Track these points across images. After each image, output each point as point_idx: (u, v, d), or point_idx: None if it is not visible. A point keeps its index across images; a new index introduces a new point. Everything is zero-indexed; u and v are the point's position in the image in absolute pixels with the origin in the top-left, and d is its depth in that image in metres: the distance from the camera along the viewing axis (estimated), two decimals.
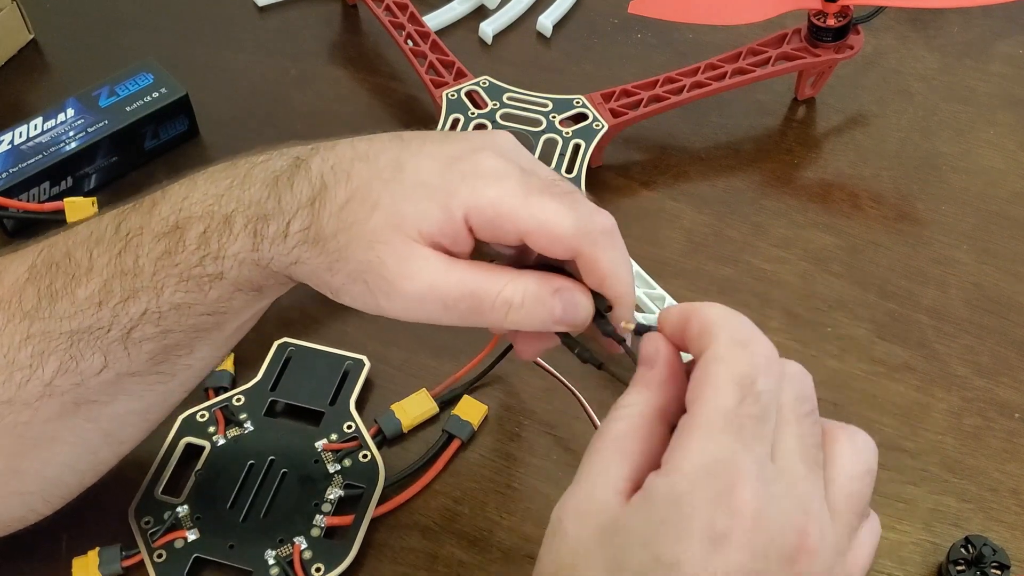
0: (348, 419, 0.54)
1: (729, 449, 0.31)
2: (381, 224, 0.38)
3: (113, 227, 0.42)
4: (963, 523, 0.52)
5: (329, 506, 0.50)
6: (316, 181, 0.39)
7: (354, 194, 0.38)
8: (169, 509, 0.50)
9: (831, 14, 0.66)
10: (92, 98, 0.66)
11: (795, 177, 0.67)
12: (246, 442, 0.53)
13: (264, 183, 0.40)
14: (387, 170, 0.38)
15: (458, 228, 0.38)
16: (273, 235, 0.40)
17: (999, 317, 0.60)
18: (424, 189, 0.38)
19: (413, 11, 0.71)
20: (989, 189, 0.66)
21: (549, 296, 0.38)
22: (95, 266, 0.42)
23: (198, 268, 0.41)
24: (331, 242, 0.38)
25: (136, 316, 0.41)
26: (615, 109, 0.65)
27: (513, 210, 0.37)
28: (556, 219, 0.37)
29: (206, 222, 0.40)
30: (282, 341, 0.56)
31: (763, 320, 0.59)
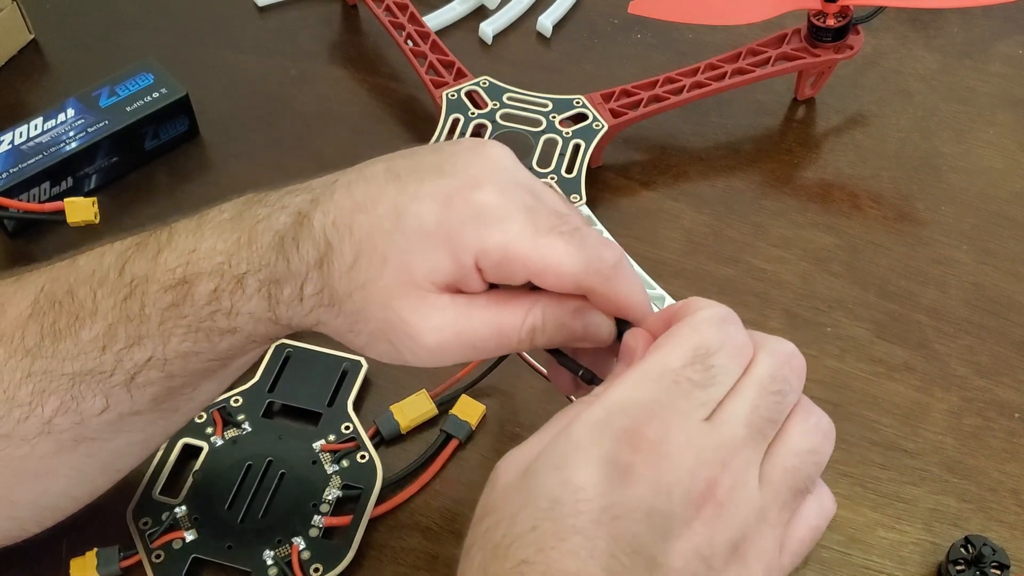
0: (346, 420, 0.54)
1: (652, 396, 0.32)
2: (393, 281, 0.37)
3: (116, 269, 0.41)
4: (963, 523, 0.52)
5: (327, 507, 0.50)
6: (320, 240, 0.38)
7: (360, 250, 0.37)
8: (167, 510, 0.50)
9: (831, 14, 0.66)
10: (92, 98, 0.66)
11: (795, 177, 0.67)
12: (244, 443, 0.53)
13: (271, 245, 0.39)
14: (387, 220, 0.37)
15: (469, 273, 0.37)
16: (288, 299, 0.39)
17: (999, 317, 0.60)
18: (429, 240, 0.36)
19: (413, 11, 0.71)
20: (989, 189, 0.66)
21: (569, 318, 0.38)
22: (99, 309, 0.41)
23: (208, 323, 0.40)
24: (347, 303, 0.38)
25: (141, 362, 0.41)
26: (615, 109, 0.65)
27: (522, 253, 0.36)
28: (566, 260, 0.36)
29: (216, 280, 0.39)
30: (280, 342, 0.56)
31: (763, 320, 0.59)
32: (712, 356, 0.33)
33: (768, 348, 0.35)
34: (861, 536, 0.52)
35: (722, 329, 0.34)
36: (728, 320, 0.34)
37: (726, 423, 0.32)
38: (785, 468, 0.33)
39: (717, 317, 0.34)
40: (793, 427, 0.34)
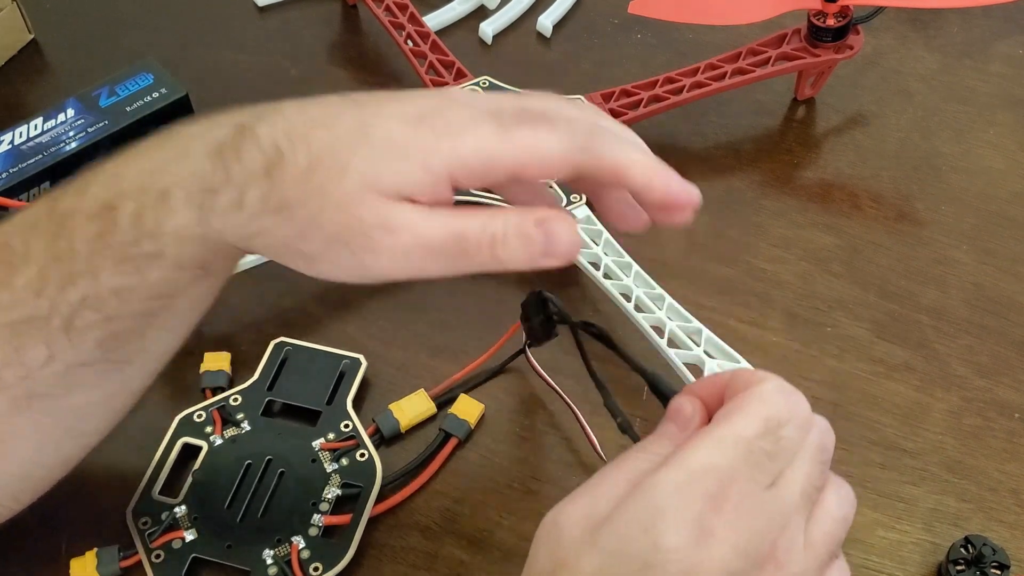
0: (345, 418, 0.54)
1: (730, 462, 0.34)
2: (355, 186, 0.36)
3: (47, 211, 0.40)
4: (963, 523, 0.52)
5: (327, 505, 0.50)
6: (269, 149, 0.37)
7: (318, 160, 0.36)
8: (167, 509, 0.50)
9: (831, 14, 0.66)
10: (92, 98, 0.66)
11: (795, 177, 0.67)
12: (243, 442, 0.53)
13: (205, 155, 0.38)
14: (351, 134, 0.37)
15: (441, 186, 0.37)
16: (224, 207, 0.37)
17: (999, 317, 0.60)
18: (399, 150, 0.36)
19: (413, 11, 0.71)
20: (989, 189, 0.66)
21: (532, 228, 0.37)
22: (31, 253, 0.40)
23: (134, 248, 0.39)
24: (299, 209, 0.37)
25: (75, 303, 0.39)
26: (615, 109, 0.65)
27: (498, 152, 0.36)
28: (542, 145, 0.36)
29: (138, 199, 0.38)
30: (279, 340, 0.57)
31: (763, 320, 0.59)
32: (782, 428, 0.35)
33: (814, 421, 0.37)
34: (861, 536, 0.52)
35: (790, 401, 0.36)
36: (793, 393, 0.36)
37: (785, 489, 0.35)
38: (824, 533, 0.36)
39: (784, 390, 0.36)
40: (830, 495, 0.36)
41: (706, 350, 0.53)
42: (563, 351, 0.58)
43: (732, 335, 0.58)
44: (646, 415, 0.55)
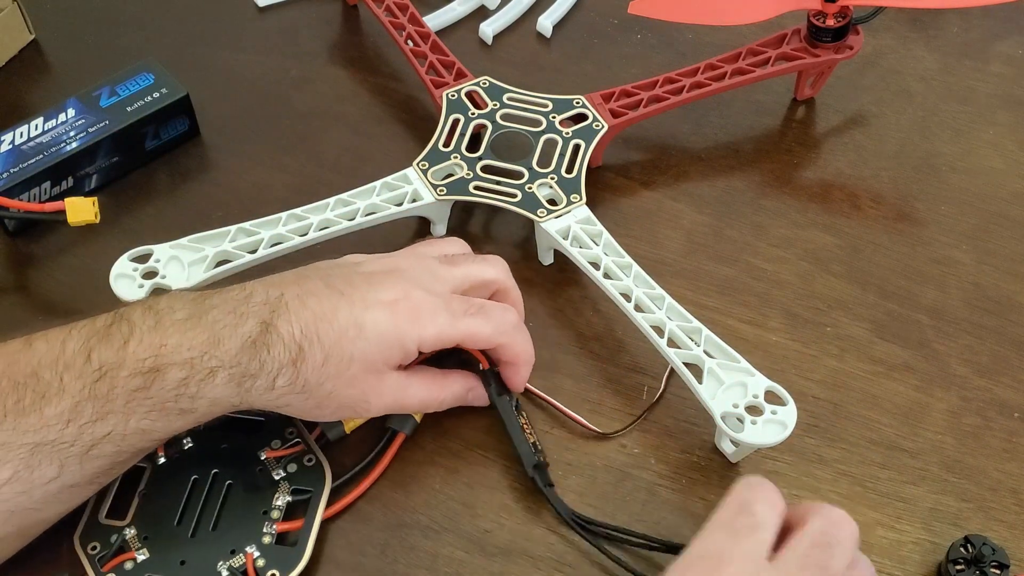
0: (289, 425, 0.53)
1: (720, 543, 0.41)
2: (359, 371, 0.49)
3: (83, 356, 0.46)
4: (962, 522, 0.52)
5: (278, 512, 0.50)
6: (292, 346, 0.47)
7: (329, 352, 0.48)
8: (115, 532, 0.50)
9: (831, 14, 0.66)
10: (93, 98, 0.66)
11: (795, 177, 0.67)
12: (187, 458, 0.52)
13: (241, 347, 0.46)
14: (351, 329, 0.48)
15: (411, 355, 0.51)
16: (260, 388, 0.47)
17: (999, 317, 0.60)
18: (386, 340, 0.49)
19: (413, 11, 0.71)
20: (989, 189, 0.66)
21: (466, 394, 0.54)
22: (67, 389, 0.45)
23: (171, 404, 0.46)
24: (318, 389, 0.48)
25: (100, 436, 0.46)
26: (615, 109, 0.65)
27: (449, 334, 0.51)
28: (480, 331, 0.52)
29: (187, 370, 0.46)
30: None
31: (763, 320, 0.60)
32: (752, 505, 0.42)
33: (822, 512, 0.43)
34: (861, 536, 0.51)
35: (751, 487, 0.43)
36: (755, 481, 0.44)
37: (783, 565, 0.40)
38: None
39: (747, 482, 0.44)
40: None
41: (706, 350, 0.54)
42: (562, 351, 0.58)
43: (732, 335, 0.58)
44: (646, 415, 0.56)
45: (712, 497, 0.53)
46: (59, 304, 0.62)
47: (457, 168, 0.62)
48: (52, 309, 0.61)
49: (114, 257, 0.57)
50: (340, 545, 0.51)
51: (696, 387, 0.52)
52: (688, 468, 0.54)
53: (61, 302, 0.62)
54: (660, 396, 0.56)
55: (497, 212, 0.64)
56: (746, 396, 0.51)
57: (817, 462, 0.54)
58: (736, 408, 0.51)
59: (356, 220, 0.59)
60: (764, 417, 0.51)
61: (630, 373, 0.57)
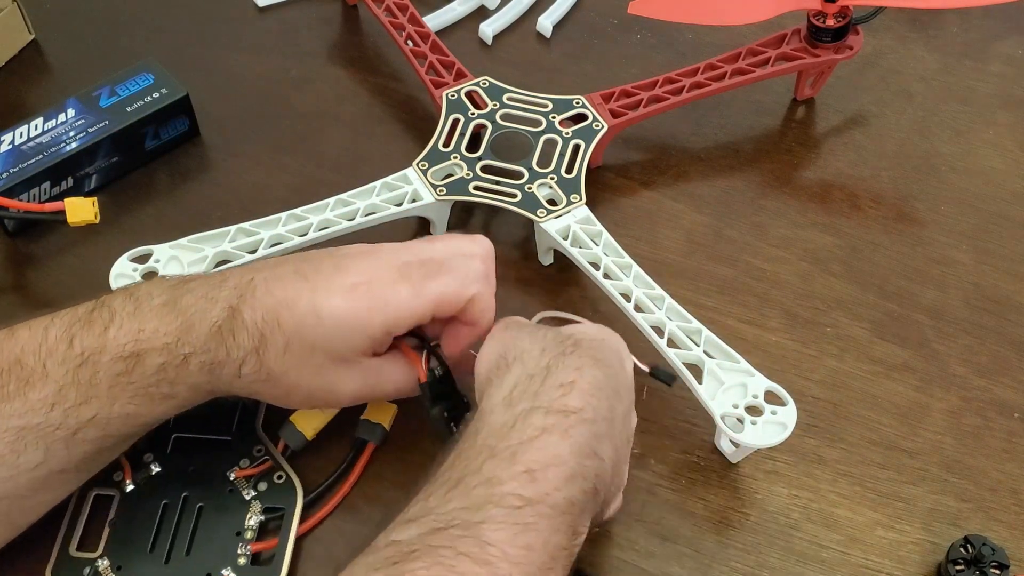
0: (257, 443, 0.53)
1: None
2: (324, 360, 0.47)
3: (65, 342, 0.46)
4: (962, 523, 0.52)
5: (251, 533, 0.50)
6: (254, 332, 0.46)
7: (290, 340, 0.46)
8: (87, 564, 0.49)
9: (830, 14, 0.66)
10: (93, 98, 0.66)
11: (795, 177, 0.67)
12: (156, 483, 0.52)
13: (209, 334, 0.46)
14: (309, 320, 0.46)
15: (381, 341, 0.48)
16: (228, 376, 0.47)
17: (999, 317, 0.60)
18: (344, 328, 0.47)
19: (413, 11, 0.71)
20: (989, 189, 0.66)
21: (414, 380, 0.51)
22: (50, 375, 0.45)
23: (153, 388, 0.46)
24: (283, 378, 0.47)
25: (85, 420, 0.45)
26: (615, 109, 0.65)
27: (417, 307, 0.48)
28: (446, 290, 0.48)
29: (165, 356, 0.46)
30: None
31: (762, 320, 0.60)
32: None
33: None
34: (860, 536, 0.52)
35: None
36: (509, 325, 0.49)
37: None
38: None
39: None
40: None
41: (706, 350, 0.54)
42: None
43: (732, 335, 0.58)
44: (646, 415, 0.55)
45: (711, 497, 0.53)
46: (59, 304, 0.61)
47: (457, 168, 0.62)
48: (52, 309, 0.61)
49: (114, 257, 0.57)
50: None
51: (696, 387, 0.52)
52: (688, 468, 0.54)
53: (61, 302, 0.61)
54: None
55: (497, 212, 0.64)
56: (746, 396, 0.51)
57: (817, 462, 0.54)
58: (736, 408, 0.51)
59: (356, 220, 0.59)
60: (764, 417, 0.51)
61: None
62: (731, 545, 0.51)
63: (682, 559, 0.51)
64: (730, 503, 0.53)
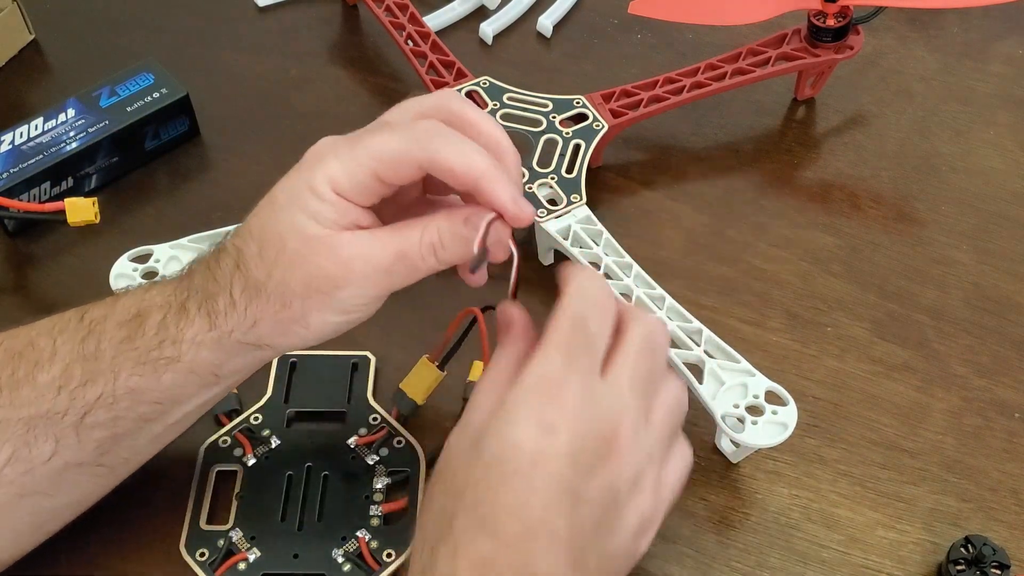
0: (371, 412, 0.54)
1: (557, 366, 0.39)
2: (296, 245, 0.43)
3: (77, 317, 0.45)
4: (963, 523, 0.52)
5: (380, 495, 0.51)
6: (232, 251, 0.44)
7: (261, 240, 0.44)
8: (220, 536, 0.50)
9: (831, 14, 0.66)
10: (93, 98, 0.66)
11: (795, 177, 0.67)
12: (277, 456, 0.53)
13: (201, 272, 0.45)
14: (266, 210, 0.44)
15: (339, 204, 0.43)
16: (224, 309, 0.44)
17: (999, 317, 0.60)
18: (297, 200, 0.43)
19: (413, 11, 0.71)
20: (989, 189, 0.66)
21: (461, 227, 0.43)
22: (58, 352, 0.44)
23: (155, 351, 0.44)
24: (269, 284, 0.43)
25: (91, 400, 0.44)
26: (615, 109, 0.65)
27: (355, 164, 0.42)
28: (387, 146, 0.42)
29: (165, 310, 0.45)
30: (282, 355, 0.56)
31: (763, 320, 0.59)
32: (587, 321, 0.40)
33: (638, 319, 0.42)
34: (861, 536, 0.52)
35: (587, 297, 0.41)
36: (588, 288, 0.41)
37: (616, 379, 0.40)
38: (662, 416, 0.41)
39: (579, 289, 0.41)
40: (669, 382, 0.42)
41: (706, 350, 0.53)
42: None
43: (732, 335, 0.58)
44: None
45: (712, 497, 0.53)
46: (59, 304, 0.61)
47: None
48: (52, 309, 0.60)
49: (114, 257, 0.57)
50: None
51: (697, 387, 0.52)
52: None
53: (61, 302, 0.61)
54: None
55: None
56: (746, 396, 0.51)
57: (817, 462, 0.54)
58: (737, 408, 0.51)
59: None
60: (764, 417, 0.51)
61: None
62: (731, 545, 0.51)
63: (682, 559, 0.51)
64: (730, 503, 0.53)
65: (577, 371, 0.39)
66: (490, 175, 0.42)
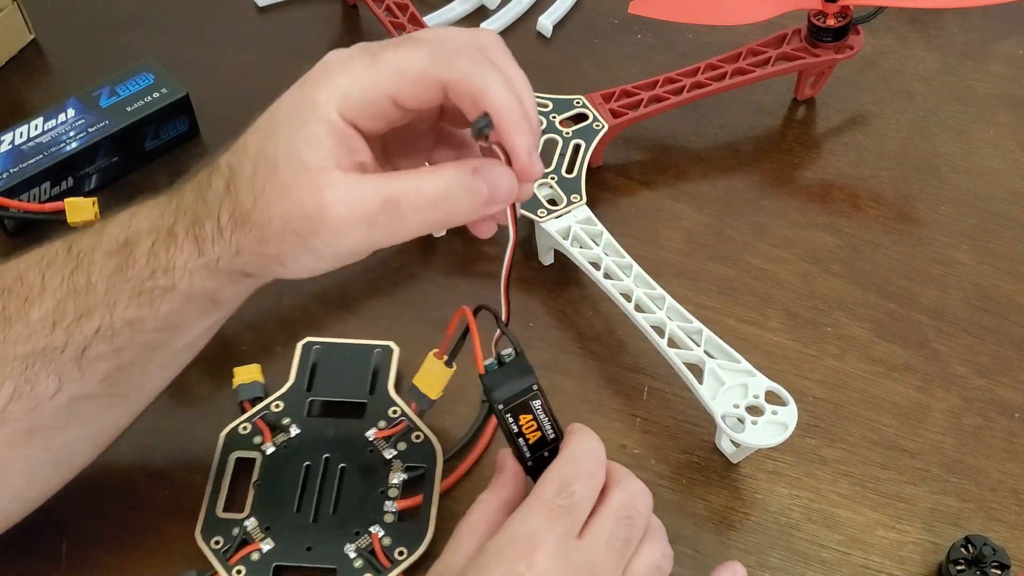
0: (391, 404, 0.54)
1: (537, 524, 0.40)
2: (286, 172, 0.39)
3: (64, 249, 0.43)
4: (963, 523, 0.52)
5: (395, 491, 0.51)
6: (225, 171, 0.41)
7: (256, 161, 0.40)
8: (236, 525, 0.50)
9: (831, 14, 0.66)
10: (93, 98, 0.66)
11: (795, 177, 0.67)
12: (296, 445, 0.53)
13: (191, 191, 0.42)
14: (265, 126, 0.40)
15: (343, 131, 0.39)
16: (211, 234, 0.41)
17: (999, 317, 0.60)
18: (298, 116, 0.39)
19: (413, 11, 0.71)
20: (989, 189, 0.66)
21: (470, 178, 0.39)
22: (48, 287, 0.42)
23: (149, 281, 0.42)
24: (254, 213, 0.40)
25: (90, 334, 0.42)
26: (615, 109, 0.65)
27: (370, 81, 0.39)
28: (412, 60, 0.39)
29: (153, 236, 0.42)
30: (306, 341, 0.57)
31: (763, 320, 0.59)
32: (572, 485, 0.42)
33: (621, 485, 0.43)
34: (861, 536, 0.52)
35: (577, 464, 0.43)
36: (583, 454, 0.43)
37: (591, 542, 0.41)
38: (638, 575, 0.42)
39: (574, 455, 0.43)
40: (644, 548, 0.43)
41: (706, 350, 0.53)
42: (562, 351, 0.58)
43: (732, 335, 0.58)
44: (646, 415, 0.56)
45: (712, 497, 0.53)
46: None
47: None
48: None
49: None
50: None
51: (697, 387, 0.52)
52: (688, 468, 0.54)
53: None
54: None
55: None
56: (747, 396, 0.51)
57: (818, 462, 0.54)
58: (737, 408, 0.51)
59: None
60: (765, 417, 0.51)
61: (630, 373, 0.57)
62: (732, 545, 0.51)
63: (682, 559, 0.51)
64: (731, 503, 0.53)
65: (554, 532, 0.40)
66: (515, 114, 0.39)
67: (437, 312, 0.59)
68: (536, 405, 0.44)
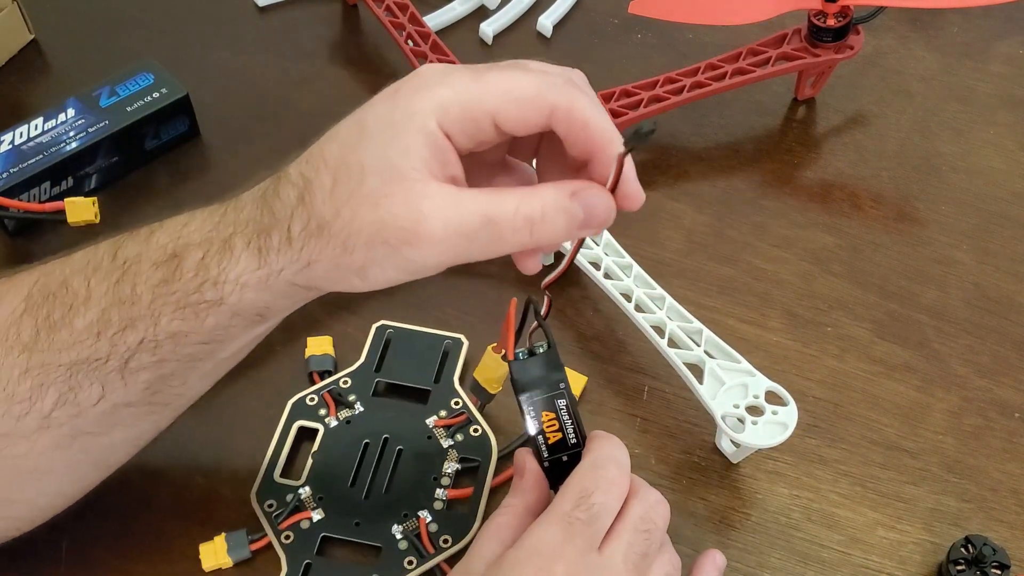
0: (454, 396, 0.55)
1: (556, 538, 0.40)
2: (376, 182, 0.38)
3: (110, 255, 0.43)
4: (963, 523, 0.52)
5: (448, 479, 0.51)
6: (298, 181, 0.40)
7: (336, 171, 0.39)
8: (291, 492, 0.51)
9: (831, 14, 0.66)
10: (93, 98, 0.66)
11: (795, 177, 0.67)
12: (358, 422, 0.53)
13: (254, 202, 0.41)
14: (352, 135, 0.39)
15: (440, 143, 0.38)
16: (278, 245, 0.40)
17: (999, 317, 0.60)
18: (394, 126, 0.38)
19: (413, 11, 0.71)
20: (989, 189, 0.66)
21: (568, 201, 0.38)
22: (93, 295, 0.42)
23: (196, 295, 0.41)
24: (336, 223, 0.39)
25: (133, 345, 0.42)
26: (615, 109, 0.65)
27: (474, 96, 0.38)
28: (517, 84, 0.38)
29: (204, 248, 0.41)
30: (380, 324, 0.57)
31: (763, 320, 0.59)
32: (591, 496, 0.41)
33: (639, 495, 0.43)
34: (861, 536, 0.52)
35: (597, 475, 0.42)
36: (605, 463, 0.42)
37: (610, 557, 0.41)
38: None
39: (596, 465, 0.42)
40: (658, 561, 0.43)
41: (707, 350, 0.53)
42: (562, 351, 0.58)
43: (732, 335, 0.58)
44: (646, 415, 0.55)
45: (712, 497, 0.53)
46: None
47: None
48: None
49: None
50: None
51: (697, 387, 0.52)
52: (688, 468, 0.54)
53: None
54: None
55: None
56: (747, 396, 0.51)
57: (818, 462, 0.54)
58: (737, 408, 0.51)
59: None
60: (765, 417, 0.51)
61: (630, 373, 0.57)
62: (732, 545, 0.51)
63: (682, 559, 0.50)
64: (731, 503, 0.53)
65: (573, 545, 0.40)
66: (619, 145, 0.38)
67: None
68: (561, 404, 0.43)
